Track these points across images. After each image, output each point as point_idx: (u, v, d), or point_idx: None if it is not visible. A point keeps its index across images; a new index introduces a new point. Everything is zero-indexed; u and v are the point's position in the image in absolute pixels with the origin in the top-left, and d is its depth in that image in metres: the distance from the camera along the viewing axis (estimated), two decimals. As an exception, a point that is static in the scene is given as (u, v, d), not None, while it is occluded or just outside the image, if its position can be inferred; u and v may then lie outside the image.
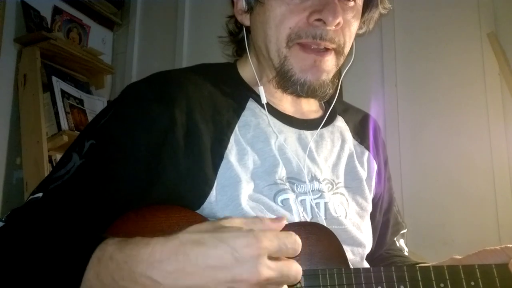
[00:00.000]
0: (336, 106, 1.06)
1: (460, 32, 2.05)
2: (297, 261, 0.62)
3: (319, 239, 0.74)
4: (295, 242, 0.62)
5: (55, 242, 0.67)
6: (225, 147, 0.85)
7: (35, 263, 0.64)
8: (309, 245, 0.73)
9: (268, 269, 0.58)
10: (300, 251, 0.62)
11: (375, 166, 1.06)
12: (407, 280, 0.70)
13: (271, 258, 0.59)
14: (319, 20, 0.87)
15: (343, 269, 0.69)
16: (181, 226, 0.64)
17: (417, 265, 0.75)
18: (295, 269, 0.61)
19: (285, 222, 0.65)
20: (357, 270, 0.70)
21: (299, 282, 0.64)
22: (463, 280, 0.72)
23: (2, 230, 0.72)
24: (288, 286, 0.62)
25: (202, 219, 0.79)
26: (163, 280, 0.57)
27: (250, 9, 0.96)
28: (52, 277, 0.62)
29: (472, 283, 0.72)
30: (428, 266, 0.73)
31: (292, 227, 0.74)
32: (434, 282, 0.71)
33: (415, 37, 2.16)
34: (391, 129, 2.07)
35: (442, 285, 0.71)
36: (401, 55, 2.17)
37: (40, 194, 0.77)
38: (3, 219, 0.75)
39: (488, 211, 1.86)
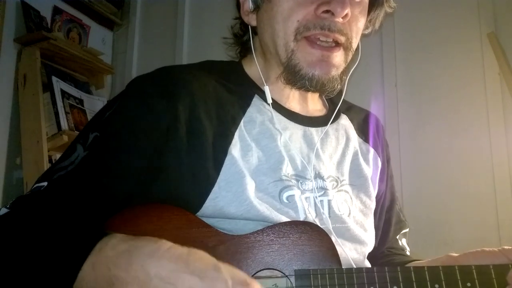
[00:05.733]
0: (340, 104, 1.06)
1: (460, 32, 2.04)
2: (289, 260, 0.62)
3: (311, 238, 0.74)
4: None
5: (58, 233, 0.68)
6: (230, 142, 0.85)
7: (37, 254, 0.65)
8: (301, 244, 0.73)
9: None
10: (292, 250, 0.62)
11: (379, 164, 1.07)
12: (400, 281, 0.69)
13: None
14: (327, 11, 0.87)
15: (334, 269, 0.69)
16: (172, 226, 0.64)
17: (412, 265, 0.74)
18: None
19: None
20: (349, 270, 0.69)
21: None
22: (459, 281, 0.71)
23: (7, 218, 0.74)
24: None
25: (194, 219, 0.79)
26: (154, 276, 0.59)
27: (256, 8, 0.97)
28: (52, 268, 0.63)
29: (469, 284, 0.71)
30: (423, 267, 0.72)
31: (284, 226, 0.74)
32: (428, 283, 0.70)
33: (415, 37, 2.15)
34: (391, 129, 2.06)
35: (437, 286, 0.70)
36: (401, 55, 2.16)
37: (45, 183, 0.78)
38: (8, 206, 0.76)
39: (488, 211, 1.85)
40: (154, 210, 0.79)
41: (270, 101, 0.94)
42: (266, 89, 0.95)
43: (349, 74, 1.01)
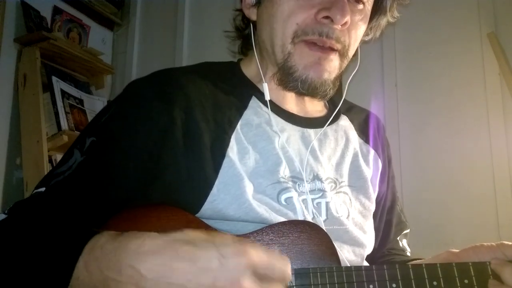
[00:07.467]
0: (340, 106, 1.06)
1: (460, 32, 2.04)
2: (288, 259, 0.61)
3: (310, 238, 0.74)
4: (285, 266, 0.61)
5: (52, 236, 0.67)
6: (227, 145, 0.85)
7: (31, 256, 0.65)
8: (300, 243, 0.73)
9: (250, 283, 0.57)
10: (292, 249, 0.61)
11: (380, 165, 1.06)
12: (399, 278, 0.69)
13: (257, 274, 0.58)
14: (327, 17, 0.87)
15: (334, 267, 0.69)
16: (171, 226, 0.63)
17: (410, 263, 0.74)
18: None
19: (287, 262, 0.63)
20: (348, 268, 0.69)
21: (290, 281, 0.64)
22: (457, 278, 0.71)
23: (4, 223, 0.73)
24: None
25: (194, 219, 0.79)
26: (147, 273, 0.57)
27: (258, 3, 0.96)
28: (47, 269, 0.63)
29: (466, 281, 0.71)
30: (421, 264, 0.72)
31: (284, 225, 0.74)
32: (427, 280, 0.70)
33: (415, 37, 2.15)
34: (391, 129, 2.06)
35: (435, 283, 0.70)
36: (401, 55, 2.16)
37: (43, 189, 0.78)
38: (5, 212, 0.76)
39: (488, 211, 1.85)
40: (153, 210, 0.78)
41: (268, 97, 0.94)
42: (265, 86, 0.95)
43: (350, 78, 1.01)
